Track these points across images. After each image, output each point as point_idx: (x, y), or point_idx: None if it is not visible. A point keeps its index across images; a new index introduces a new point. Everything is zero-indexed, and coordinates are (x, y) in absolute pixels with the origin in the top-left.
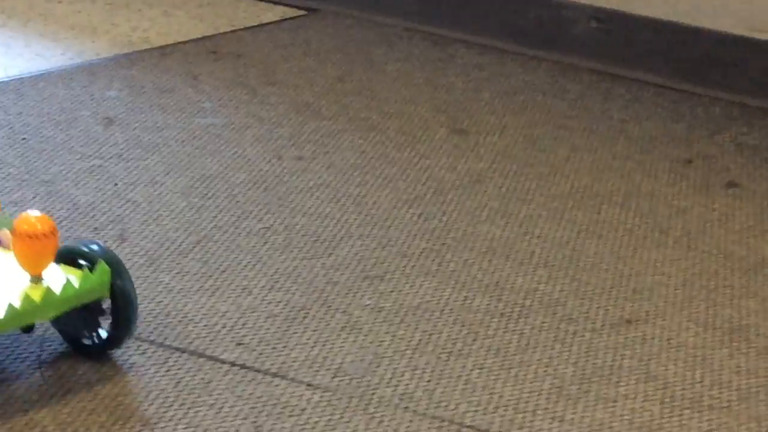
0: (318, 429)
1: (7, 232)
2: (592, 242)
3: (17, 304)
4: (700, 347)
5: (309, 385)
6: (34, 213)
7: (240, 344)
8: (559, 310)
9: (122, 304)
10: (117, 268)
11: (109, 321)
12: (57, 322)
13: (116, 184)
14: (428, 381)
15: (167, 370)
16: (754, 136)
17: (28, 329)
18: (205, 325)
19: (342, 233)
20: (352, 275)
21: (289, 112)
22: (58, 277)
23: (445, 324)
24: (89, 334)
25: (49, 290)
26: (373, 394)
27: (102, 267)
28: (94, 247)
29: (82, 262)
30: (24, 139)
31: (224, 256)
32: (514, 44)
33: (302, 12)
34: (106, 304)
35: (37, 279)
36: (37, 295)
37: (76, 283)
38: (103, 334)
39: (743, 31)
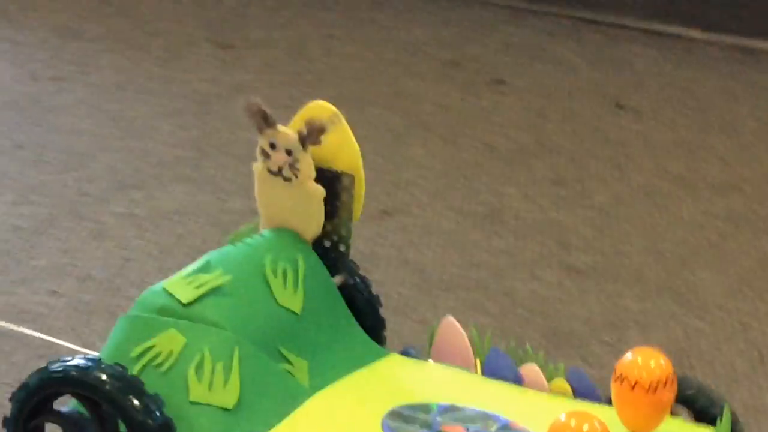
0: (57, 332)
1: (534, 367)
2: None
3: None
4: (456, 232)
5: (54, 292)
6: (641, 354)
7: None
8: None
9: None
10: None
11: None
12: None
13: None
14: None
15: None
16: (523, 36)
17: None
18: None
19: (97, 147)
20: (107, 186)
21: (49, 36)
22: None
23: (201, 227)
24: None
25: None
26: (120, 295)
27: (727, 416)
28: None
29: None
30: None
31: None
32: None
33: None
34: None
35: None
36: None
37: None
38: None
39: None
